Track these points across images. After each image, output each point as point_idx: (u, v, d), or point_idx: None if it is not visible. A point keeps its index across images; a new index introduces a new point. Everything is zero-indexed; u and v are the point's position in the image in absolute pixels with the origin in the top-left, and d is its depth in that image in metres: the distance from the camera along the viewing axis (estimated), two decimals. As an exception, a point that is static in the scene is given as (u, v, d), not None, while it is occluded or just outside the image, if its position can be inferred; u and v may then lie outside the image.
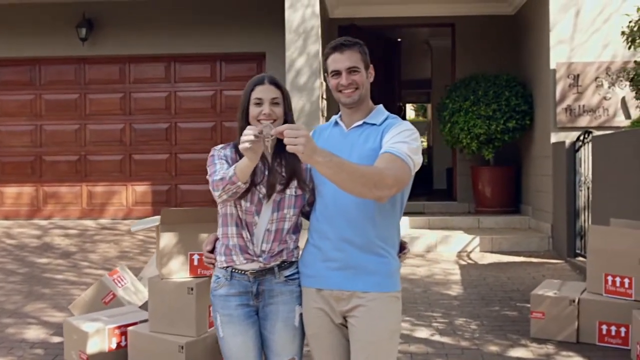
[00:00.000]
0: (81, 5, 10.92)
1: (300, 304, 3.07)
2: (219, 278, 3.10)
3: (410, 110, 25.25)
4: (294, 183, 3.06)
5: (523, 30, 10.70)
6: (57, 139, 11.49)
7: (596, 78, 8.92)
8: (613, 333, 5.32)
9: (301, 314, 3.07)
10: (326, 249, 2.97)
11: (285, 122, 3.10)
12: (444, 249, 9.11)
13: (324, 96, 9.56)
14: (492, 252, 9.01)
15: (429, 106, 21.85)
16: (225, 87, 11.35)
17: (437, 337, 5.60)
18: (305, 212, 3.16)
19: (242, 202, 3.01)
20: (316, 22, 9.29)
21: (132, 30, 11.16)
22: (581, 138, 8.25)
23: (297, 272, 3.09)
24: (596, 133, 7.87)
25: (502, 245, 9.11)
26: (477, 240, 9.13)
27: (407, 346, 5.40)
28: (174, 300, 4.47)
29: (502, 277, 7.62)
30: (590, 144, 7.90)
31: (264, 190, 3.02)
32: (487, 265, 8.30)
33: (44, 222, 11.10)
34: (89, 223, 11.03)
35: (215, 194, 2.91)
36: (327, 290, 2.96)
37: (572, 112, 8.93)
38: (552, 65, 9.00)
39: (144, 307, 5.19)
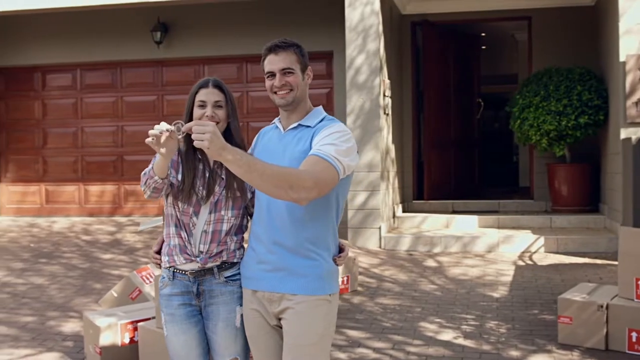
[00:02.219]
0: (156, 10, 11.27)
1: (242, 305, 3.10)
2: (164, 278, 3.17)
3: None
4: (234, 184, 3.09)
5: (601, 21, 10.24)
6: (137, 139, 11.91)
7: (670, 70, 8.45)
8: (643, 341, 5.05)
9: (242, 315, 3.11)
10: (260, 251, 2.99)
11: (228, 125, 3.14)
12: (506, 249, 8.86)
13: (386, 94, 9.48)
14: (557, 252, 8.68)
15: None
16: (296, 86, 11.43)
17: (459, 341, 5.48)
18: (251, 214, 3.19)
19: (180, 204, 3.07)
20: (375, 20, 9.23)
21: (205, 32, 11.44)
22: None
23: (239, 273, 3.12)
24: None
25: (568, 246, 8.77)
26: (542, 240, 8.82)
27: (426, 349, 5.31)
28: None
29: (556, 279, 7.34)
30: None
31: (202, 191, 3.07)
32: (546, 266, 8.01)
33: (122, 219, 11.56)
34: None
35: (142, 190, 2.99)
36: (260, 292, 2.98)
37: (643, 107, 8.49)
38: (622, 57, 8.59)
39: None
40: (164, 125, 2.74)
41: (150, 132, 2.72)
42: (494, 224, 9.77)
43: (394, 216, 10.05)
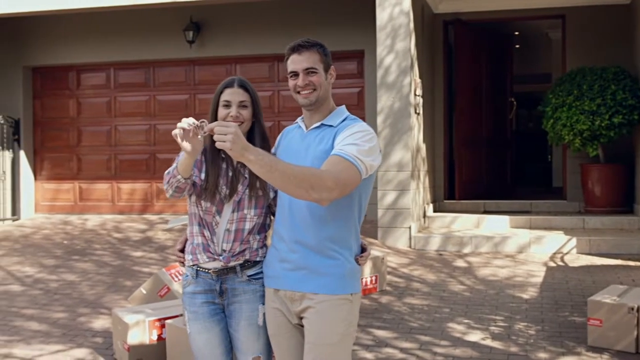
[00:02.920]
0: (188, 10, 11.34)
1: (264, 303, 3.11)
2: (187, 276, 3.19)
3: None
4: (256, 184, 3.10)
5: (636, 20, 10.09)
6: (170, 137, 11.89)
7: None
8: (674, 344, 4.97)
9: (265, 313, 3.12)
10: (282, 250, 3.00)
11: (253, 125, 3.16)
12: (537, 249, 8.76)
13: (417, 93, 9.44)
14: (589, 254, 8.56)
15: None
16: (327, 85, 11.44)
17: (487, 342, 5.44)
18: (274, 213, 3.20)
19: (202, 202, 3.09)
20: (405, 20, 9.19)
21: (236, 31, 11.49)
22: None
23: (262, 272, 3.13)
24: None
25: (601, 247, 8.64)
26: (574, 241, 8.71)
27: (453, 349, 5.28)
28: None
29: (587, 281, 7.25)
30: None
31: (225, 190, 3.08)
32: (577, 267, 7.91)
33: (153, 217, 11.66)
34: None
35: (165, 189, 3.02)
36: (282, 291, 2.99)
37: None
38: (657, 57, 8.46)
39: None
40: (191, 120, 2.77)
41: (179, 124, 2.75)
42: (526, 224, 9.68)
43: (424, 216, 10.00)
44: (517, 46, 14.36)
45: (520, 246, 8.85)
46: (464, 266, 8.09)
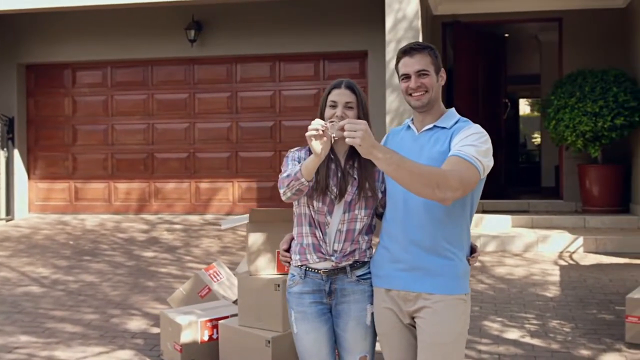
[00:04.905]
0: (190, 8, 11.30)
1: (372, 303, 3.15)
2: (294, 276, 3.21)
3: (525, 106, 24.65)
4: (366, 185, 3.13)
5: (634, 24, 10.31)
6: (168, 137, 11.96)
7: None
8: None
9: (373, 313, 3.15)
10: (394, 250, 3.03)
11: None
12: (544, 248, 8.92)
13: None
14: (596, 252, 8.74)
15: (541, 102, 21.36)
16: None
17: (527, 339, 5.54)
18: (379, 214, 3.23)
19: (314, 203, 3.11)
20: (413, 22, 9.27)
21: (238, 31, 11.47)
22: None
23: (369, 272, 3.17)
24: None
25: (607, 246, 8.83)
26: (580, 240, 8.88)
27: (496, 347, 5.37)
28: (261, 296, 4.63)
29: (604, 279, 7.41)
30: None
31: (335, 191, 3.11)
32: (589, 266, 8.08)
33: (152, 217, 11.59)
34: (194, 218, 11.44)
35: (281, 192, 3.04)
36: (395, 291, 3.02)
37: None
38: (662, 60, 8.66)
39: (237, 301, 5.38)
40: (320, 122, 2.80)
41: (310, 127, 2.78)
42: (527, 223, 9.83)
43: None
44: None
45: (527, 245, 8.99)
46: (477, 265, 8.19)
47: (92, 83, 12.26)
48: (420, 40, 9.46)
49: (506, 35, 14.07)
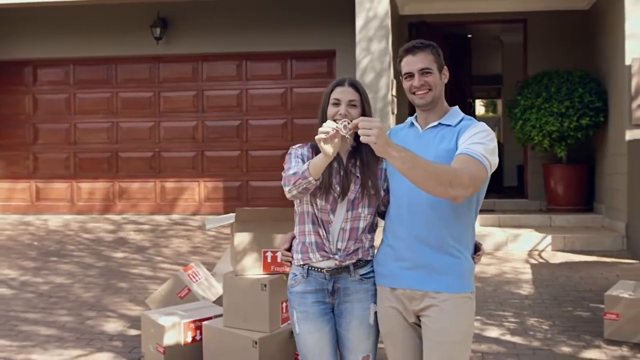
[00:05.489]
0: (156, 5, 11.17)
1: (375, 302, 3.12)
2: (296, 275, 3.17)
3: (479, 106, 24.97)
4: (369, 183, 3.11)
5: (598, 25, 10.48)
6: (132, 135, 11.79)
7: (674, 74, 8.69)
8: (691, 336, 5.20)
9: (376, 312, 3.12)
10: (399, 249, 3.00)
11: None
12: (514, 247, 9.01)
13: (393, 94, 9.55)
14: (564, 251, 8.86)
15: (499, 102, 21.60)
16: (296, 85, 11.46)
17: (508, 337, 5.57)
18: (381, 212, 3.21)
19: (318, 201, 3.07)
20: (385, 21, 9.29)
21: (205, 29, 11.37)
22: (658, 136, 8.06)
23: (372, 271, 3.14)
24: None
25: (575, 244, 8.96)
26: (548, 238, 9.00)
27: (478, 345, 5.38)
28: (248, 296, 4.55)
29: (575, 277, 7.51)
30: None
31: (338, 189, 3.08)
32: (559, 264, 8.18)
33: (117, 217, 11.41)
34: (160, 218, 11.30)
35: (286, 189, 2.99)
36: (400, 290, 3.00)
37: (648, 109, 8.72)
38: (627, 61, 8.80)
39: (218, 302, 5.31)
40: (332, 124, 2.76)
41: (321, 129, 2.74)
42: (495, 222, 9.92)
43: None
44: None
45: (497, 244, 9.07)
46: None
47: (54, 81, 12.03)
48: (390, 40, 9.49)
49: (469, 36, 14.20)
